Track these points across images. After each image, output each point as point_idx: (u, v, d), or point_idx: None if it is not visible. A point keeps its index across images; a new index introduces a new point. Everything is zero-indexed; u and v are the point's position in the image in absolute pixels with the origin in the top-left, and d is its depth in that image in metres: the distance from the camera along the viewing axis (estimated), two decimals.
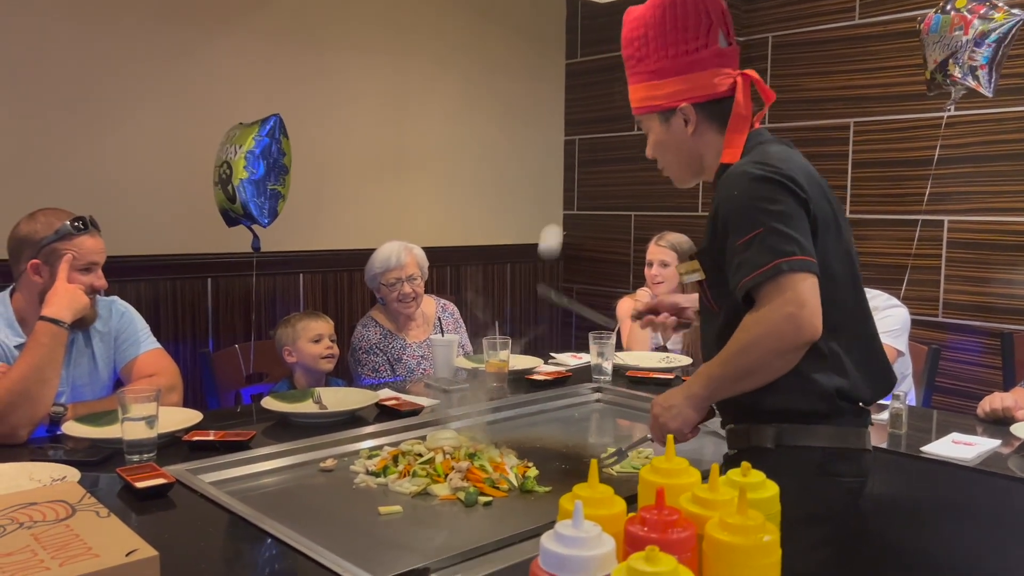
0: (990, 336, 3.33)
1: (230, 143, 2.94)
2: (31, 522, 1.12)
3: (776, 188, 1.43)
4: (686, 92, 1.55)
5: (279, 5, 3.56)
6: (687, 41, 1.54)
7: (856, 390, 1.50)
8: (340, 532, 1.47)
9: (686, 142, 1.59)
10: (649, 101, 1.60)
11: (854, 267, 1.55)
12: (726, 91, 1.56)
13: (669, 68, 1.56)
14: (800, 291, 1.38)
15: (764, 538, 0.83)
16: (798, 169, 1.47)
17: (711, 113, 1.57)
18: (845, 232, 1.55)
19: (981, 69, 2.88)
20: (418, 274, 3.02)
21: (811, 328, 1.38)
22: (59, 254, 2.05)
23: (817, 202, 1.46)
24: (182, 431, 1.88)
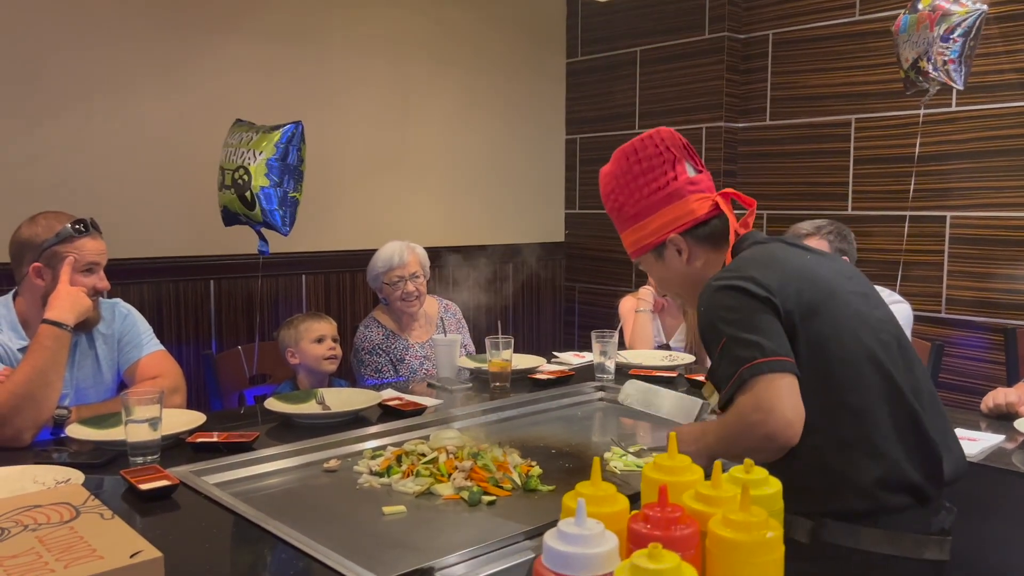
0: (993, 332, 3.33)
1: (246, 147, 2.93)
2: (35, 524, 1.12)
3: (732, 294, 1.42)
4: (669, 224, 1.59)
5: (280, 7, 3.56)
6: (656, 179, 1.60)
7: (901, 475, 1.36)
8: (344, 532, 1.47)
9: (684, 270, 1.62)
10: (639, 243, 1.65)
11: (879, 342, 1.43)
12: (707, 213, 1.59)
13: (647, 208, 1.61)
14: (764, 396, 1.33)
15: (767, 534, 0.83)
16: (764, 266, 1.45)
17: (700, 237, 1.60)
18: (859, 307, 1.46)
19: (950, 63, 2.92)
20: (421, 272, 3.02)
21: (784, 435, 1.32)
22: (61, 257, 2.05)
23: (792, 292, 1.41)
24: (186, 433, 1.88)
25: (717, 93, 4.05)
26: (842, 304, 1.45)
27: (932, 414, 1.43)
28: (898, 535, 1.35)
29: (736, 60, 4.06)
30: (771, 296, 1.40)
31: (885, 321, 1.49)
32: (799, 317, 1.40)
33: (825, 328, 1.41)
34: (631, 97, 4.39)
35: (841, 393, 1.38)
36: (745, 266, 1.47)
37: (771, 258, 1.50)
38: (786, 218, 3.76)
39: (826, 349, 1.39)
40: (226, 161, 2.95)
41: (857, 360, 1.40)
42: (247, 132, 2.96)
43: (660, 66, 4.27)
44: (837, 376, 1.38)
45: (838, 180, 3.75)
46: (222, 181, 2.94)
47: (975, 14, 2.89)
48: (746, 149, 4.09)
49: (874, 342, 1.42)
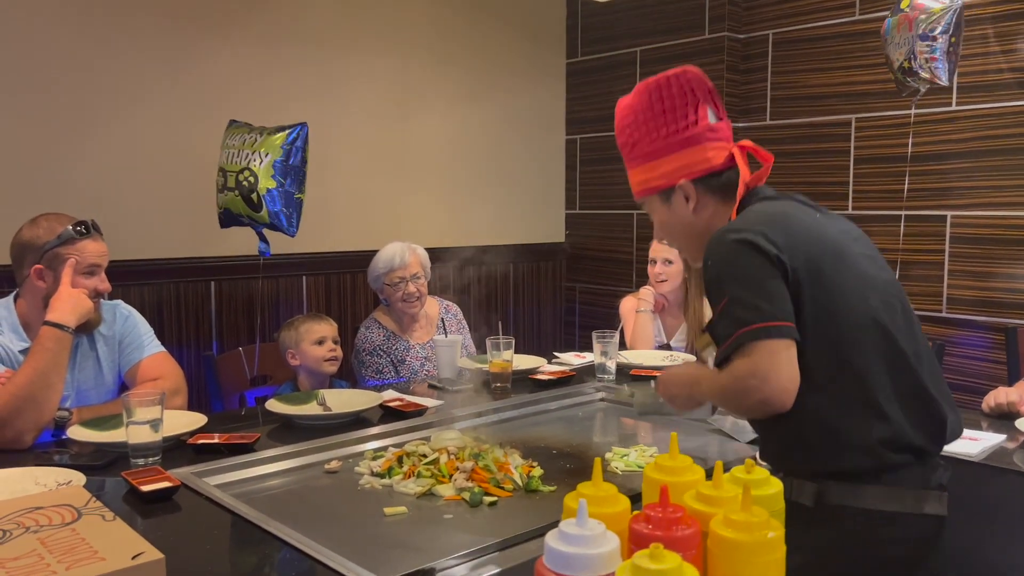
0: (994, 331, 3.33)
1: (249, 149, 2.93)
2: (37, 526, 1.12)
3: (742, 249, 1.40)
4: (682, 169, 1.55)
5: (281, 7, 3.56)
6: (676, 120, 1.55)
7: (905, 436, 1.37)
8: (345, 533, 1.47)
9: (690, 218, 1.58)
10: (647, 184, 1.61)
11: (885, 304, 1.43)
12: (723, 164, 1.55)
13: (662, 148, 1.56)
14: (761, 363, 1.33)
15: (768, 534, 0.83)
16: (773, 222, 1.43)
17: (710, 187, 1.56)
18: (866, 268, 1.46)
19: (932, 61, 2.94)
20: (421, 273, 3.02)
21: (778, 401, 1.34)
22: (62, 259, 2.05)
23: (800, 251, 1.40)
24: (187, 434, 1.88)
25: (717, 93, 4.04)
26: (850, 265, 1.43)
27: (933, 377, 1.43)
28: (899, 491, 1.37)
29: (736, 60, 4.06)
30: (780, 254, 1.38)
31: (891, 284, 1.49)
32: (806, 276, 1.39)
33: (831, 288, 1.40)
34: None
35: (846, 354, 1.37)
36: (755, 220, 1.44)
37: (781, 215, 1.47)
38: None
39: (832, 310, 1.38)
40: (227, 163, 2.94)
41: (862, 322, 1.39)
42: (248, 133, 2.96)
43: (660, 66, 4.22)
44: (842, 337, 1.38)
45: (838, 180, 3.75)
46: (223, 183, 2.94)
47: (951, 10, 2.91)
48: None
49: (879, 304, 1.41)
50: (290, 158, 2.93)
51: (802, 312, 1.37)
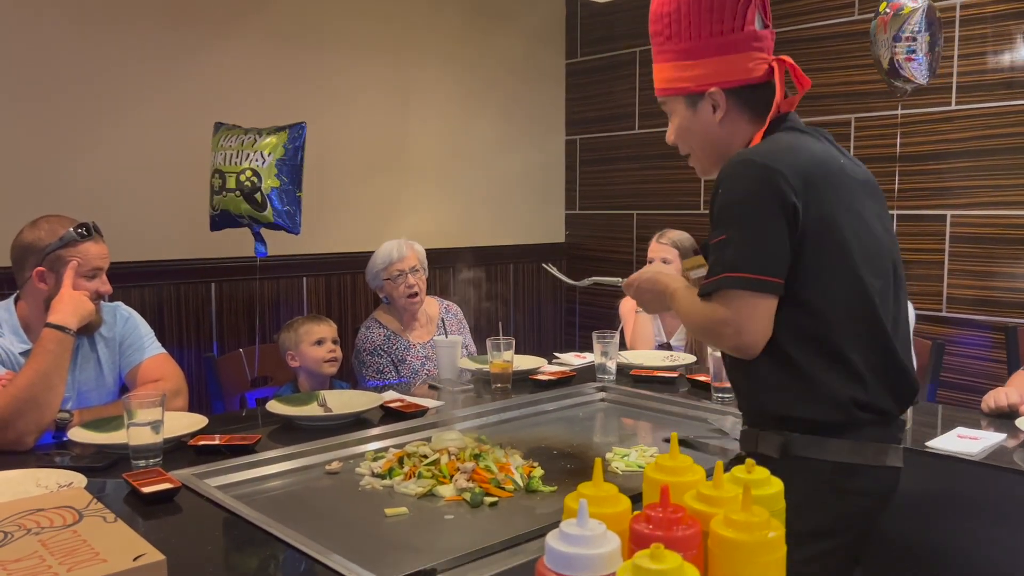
0: (994, 330, 3.33)
1: (250, 149, 2.94)
2: (38, 528, 1.12)
3: (758, 182, 1.35)
4: (717, 75, 1.45)
5: (280, 7, 3.56)
6: (722, 20, 1.43)
7: (875, 399, 1.39)
8: (346, 534, 1.47)
9: (713, 129, 1.50)
10: (676, 83, 1.50)
11: (879, 270, 1.42)
12: (760, 77, 1.46)
13: (701, 48, 1.45)
14: (738, 314, 1.34)
15: (769, 534, 0.83)
16: (798, 161, 1.37)
17: (743, 100, 1.47)
18: (873, 228, 1.43)
19: (909, 61, 2.96)
20: (419, 267, 3.03)
21: (747, 352, 1.37)
22: (64, 261, 2.05)
23: (819, 202, 1.36)
24: (188, 436, 1.88)
25: None
26: (861, 224, 1.41)
27: (904, 344, 1.46)
28: (861, 444, 1.39)
29: None
30: (796, 200, 1.34)
31: (892, 245, 1.48)
32: (815, 230, 1.35)
33: (836, 248, 1.37)
34: (631, 97, 4.39)
35: (832, 314, 1.37)
36: (782, 153, 1.39)
37: (808, 155, 1.41)
38: None
39: (830, 269, 1.37)
40: (225, 165, 2.95)
41: (855, 287, 1.38)
42: (245, 134, 2.97)
43: None
44: (833, 298, 1.37)
45: None
46: (221, 184, 2.94)
47: (919, 10, 2.95)
48: None
49: (875, 270, 1.41)
50: (295, 158, 2.97)
51: (799, 263, 1.36)
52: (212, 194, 2.96)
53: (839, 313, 1.38)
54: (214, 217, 2.99)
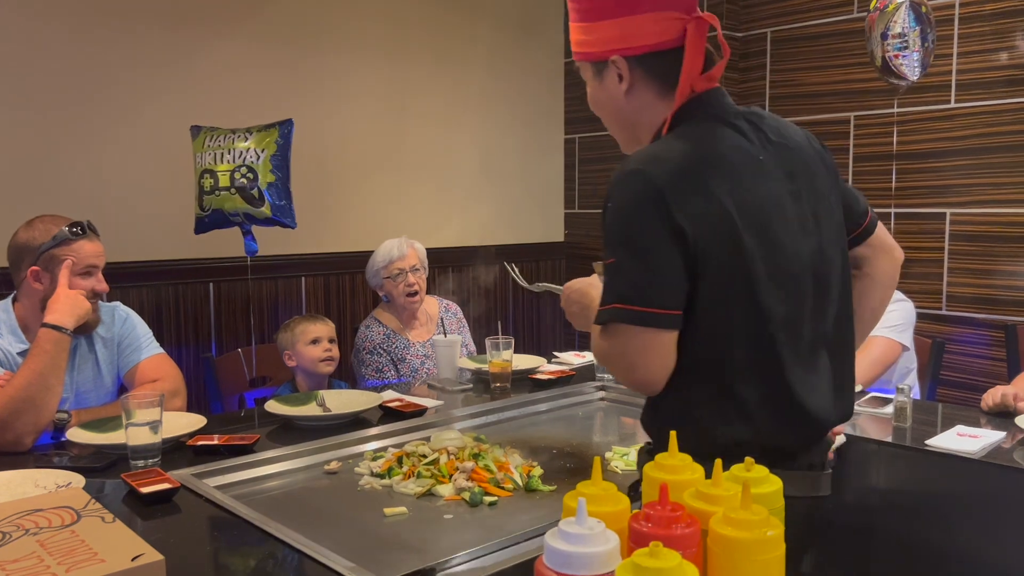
0: (994, 328, 3.33)
1: (242, 147, 2.95)
2: (37, 528, 1.12)
3: (642, 203, 1.17)
4: (617, 40, 1.26)
5: (277, 8, 3.56)
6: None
7: (766, 438, 1.22)
8: (345, 534, 1.47)
9: (620, 103, 1.31)
10: (582, 47, 1.32)
11: (797, 291, 1.24)
12: (671, 41, 1.24)
13: (601, 7, 1.26)
14: (629, 352, 1.20)
15: (768, 532, 0.83)
16: (692, 169, 1.19)
17: (649, 69, 1.27)
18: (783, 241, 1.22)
19: (897, 58, 2.97)
20: (420, 266, 3.03)
21: (643, 390, 1.24)
22: (58, 260, 2.05)
23: (712, 212, 1.17)
24: (186, 436, 1.88)
25: None
26: (767, 235, 1.21)
27: (819, 371, 1.27)
28: None
29: (734, 58, 4.06)
30: (683, 219, 1.16)
31: (815, 254, 1.26)
32: (706, 244, 1.17)
33: (730, 268, 1.19)
34: None
35: (724, 340, 1.21)
36: (673, 160, 1.20)
37: (709, 154, 1.22)
38: None
39: (723, 291, 1.20)
40: (215, 164, 2.95)
41: (749, 313, 1.20)
42: (232, 133, 2.98)
43: None
44: (724, 324, 1.20)
45: None
46: (213, 184, 2.94)
47: (902, 5, 2.96)
48: None
49: (783, 294, 1.22)
50: (286, 152, 2.99)
51: (695, 293, 1.19)
52: (202, 195, 2.96)
53: (732, 342, 1.21)
54: (202, 219, 2.98)
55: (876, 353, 2.57)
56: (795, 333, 1.24)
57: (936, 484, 1.89)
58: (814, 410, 1.26)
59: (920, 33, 2.93)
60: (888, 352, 2.59)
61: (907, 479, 1.93)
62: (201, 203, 2.96)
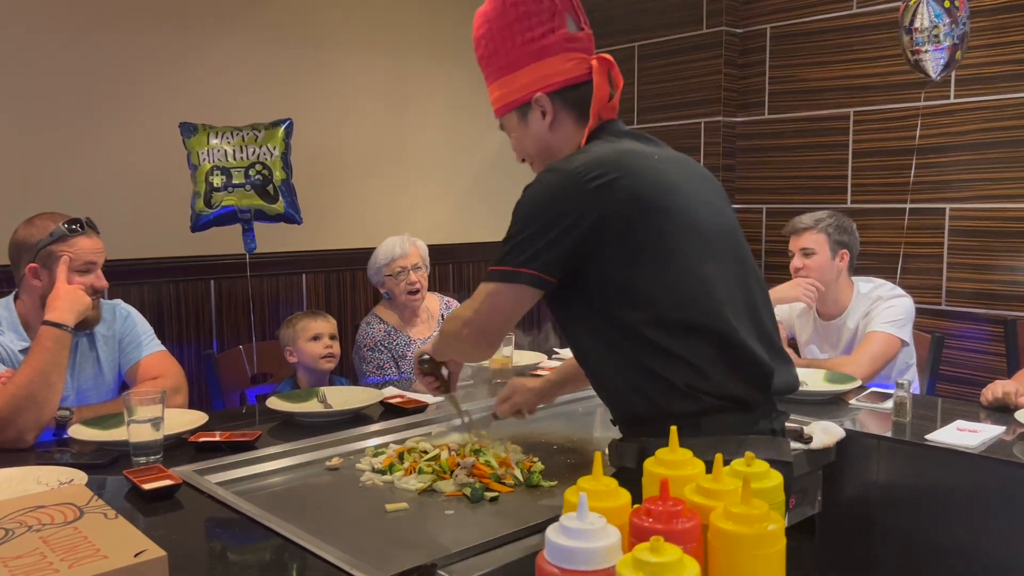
0: (993, 323, 3.33)
1: (253, 144, 2.98)
2: (39, 525, 1.13)
3: (555, 193, 1.38)
4: (539, 81, 1.47)
5: (277, 6, 3.56)
6: (532, 28, 1.46)
7: (720, 388, 1.34)
8: (347, 530, 1.47)
9: (545, 136, 1.52)
10: (505, 99, 1.53)
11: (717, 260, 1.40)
12: (581, 76, 1.47)
13: (517, 60, 1.48)
14: (484, 300, 1.46)
15: (768, 527, 0.83)
16: (602, 160, 1.38)
17: (567, 101, 1.49)
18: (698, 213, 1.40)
19: (919, 54, 2.95)
20: (422, 264, 3.03)
21: (477, 341, 1.53)
22: (56, 256, 2.05)
23: (626, 190, 1.35)
24: (188, 432, 1.88)
25: (715, 87, 4.05)
26: (683, 216, 1.38)
27: (759, 329, 1.41)
28: (722, 439, 1.32)
29: (734, 54, 4.06)
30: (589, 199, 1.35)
31: (724, 232, 1.44)
32: (621, 219, 1.34)
33: (653, 235, 1.36)
34: (629, 92, 4.39)
35: (659, 302, 1.34)
36: (583, 155, 1.40)
37: (613, 151, 1.41)
38: (785, 212, 3.76)
39: (649, 257, 1.35)
40: (227, 161, 2.96)
41: (680, 273, 1.36)
42: (242, 130, 2.99)
43: (658, 61, 4.27)
44: (654, 287, 1.35)
45: (837, 173, 3.76)
46: (226, 181, 2.95)
47: (921, 1, 2.93)
48: (744, 143, 4.09)
49: (707, 255, 1.38)
50: (289, 150, 3.04)
51: (611, 256, 1.35)
52: (210, 192, 2.96)
53: (667, 303, 1.35)
54: (204, 217, 2.98)
55: (875, 348, 2.57)
56: (728, 292, 1.39)
57: (936, 479, 1.89)
58: (761, 360, 1.38)
59: (947, 28, 2.89)
60: (887, 347, 2.59)
61: (907, 474, 1.93)
62: (209, 200, 2.96)
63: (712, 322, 1.35)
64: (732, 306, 1.38)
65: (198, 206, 2.98)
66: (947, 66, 2.94)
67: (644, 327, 1.34)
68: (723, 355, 1.35)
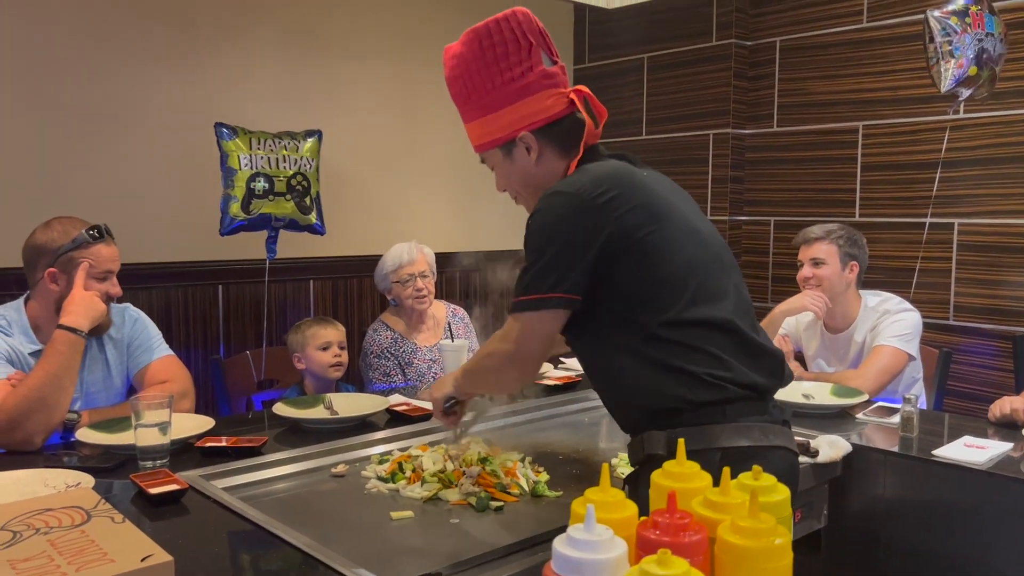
0: (1001, 339, 3.32)
1: (294, 154, 3.02)
2: (47, 528, 1.13)
3: (564, 214, 1.42)
4: (522, 120, 1.52)
5: (289, 14, 3.58)
6: (510, 68, 1.50)
7: (739, 376, 1.39)
8: (352, 537, 1.47)
9: (531, 170, 1.56)
10: (488, 136, 1.57)
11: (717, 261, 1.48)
12: (562, 111, 1.52)
13: (498, 100, 1.52)
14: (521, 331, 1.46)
15: (776, 541, 0.83)
16: (608, 179, 1.44)
17: (550, 136, 1.53)
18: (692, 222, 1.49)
19: (932, 69, 2.96)
20: (429, 271, 3.04)
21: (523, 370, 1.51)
22: (76, 262, 2.06)
23: (627, 204, 1.41)
24: (195, 437, 1.89)
25: (724, 100, 4.05)
26: (680, 222, 1.45)
27: (755, 327, 1.49)
28: (746, 426, 1.38)
29: (743, 67, 4.07)
30: (601, 216, 1.39)
31: (713, 235, 1.53)
32: (633, 238, 1.40)
33: (661, 249, 1.41)
34: (638, 104, 4.40)
35: (677, 307, 1.39)
36: (583, 176, 1.45)
37: (607, 168, 1.48)
38: (793, 224, 3.75)
39: (664, 264, 1.41)
40: (273, 169, 2.97)
41: (691, 276, 1.42)
42: (285, 138, 3.03)
43: (667, 73, 4.28)
44: (672, 291, 1.40)
45: (846, 187, 3.75)
46: (267, 188, 2.95)
47: (924, 18, 2.96)
48: (753, 156, 4.09)
49: (706, 260, 1.46)
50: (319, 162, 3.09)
51: (620, 268, 1.40)
52: (250, 197, 2.95)
53: (680, 303, 1.40)
54: (238, 221, 2.97)
55: (883, 362, 2.57)
56: (722, 287, 1.46)
57: (943, 495, 1.88)
58: (771, 348, 1.48)
59: (954, 44, 2.89)
60: (895, 361, 2.58)
61: (913, 489, 1.93)
62: (247, 205, 2.96)
63: (724, 317, 1.42)
64: (734, 304, 1.46)
65: (233, 209, 2.97)
66: (961, 81, 2.94)
67: (662, 328, 1.39)
68: (739, 346, 1.42)
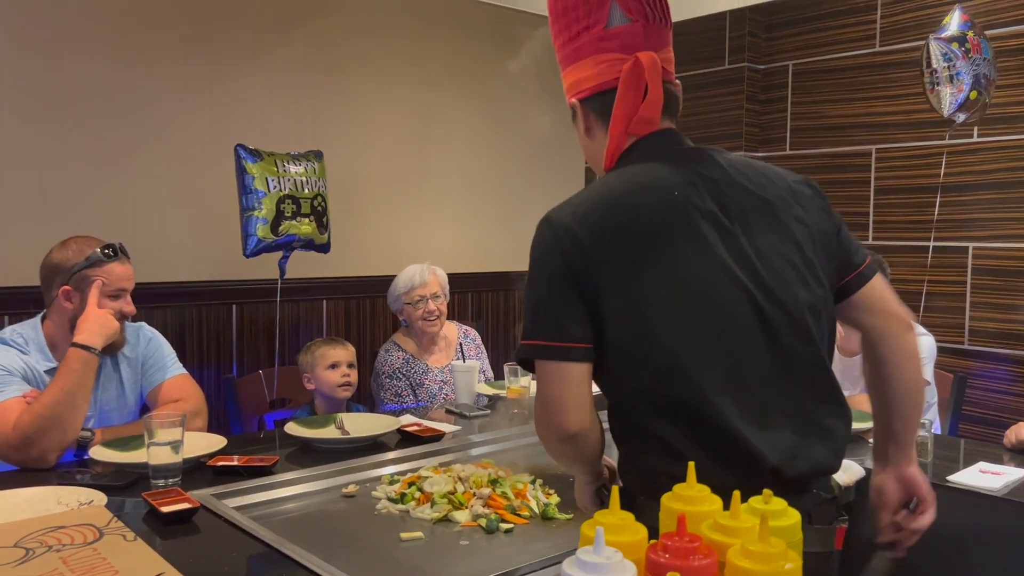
0: (1017, 364, 3.29)
1: (315, 176, 3.05)
2: (60, 545, 1.14)
3: (548, 249, 1.24)
4: (573, 87, 1.34)
5: (304, 38, 3.62)
6: (569, 27, 1.30)
7: (705, 475, 1.03)
8: (362, 558, 1.47)
9: (586, 142, 1.38)
10: (567, 92, 1.38)
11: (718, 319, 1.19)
12: (611, 81, 1.28)
13: (562, 59, 1.35)
14: (542, 387, 1.22)
15: (786, 566, 0.83)
16: (600, 209, 1.23)
17: (595, 109, 1.32)
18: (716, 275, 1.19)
19: (931, 93, 2.99)
20: (441, 293, 3.05)
21: (558, 427, 1.22)
22: (89, 280, 2.08)
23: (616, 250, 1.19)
24: (207, 456, 1.89)
25: (737, 123, 4.06)
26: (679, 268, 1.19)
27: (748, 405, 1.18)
28: None
29: (756, 90, 4.08)
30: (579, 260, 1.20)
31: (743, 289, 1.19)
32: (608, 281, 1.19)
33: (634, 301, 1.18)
34: None
35: (634, 376, 1.19)
36: (585, 204, 1.25)
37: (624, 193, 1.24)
38: None
39: (627, 327, 1.19)
40: (298, 190, 3.00)
41: (653, 345, 1.18)
42: (304, 161, 3.06)
43: None
44: (628, 359, 1.20)
45: (859, 210, 3.75)
46: (295, 210, 2.99)
47: (924, 44, 3.01)
48: None
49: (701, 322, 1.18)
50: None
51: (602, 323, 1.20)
52: (280, 219, 2.98)
53: (642, 378, 1.20)
54: (265, 242, 3.00)
55: None
56: (710, 363, 1.18)
57: (958, 521, 1.86)
58: (749, 444, 1.16)
59: (955, 69, 2.91)
60: None
61: None
62: (277, 227, 2.99)
63: (690, 400, 1.18)
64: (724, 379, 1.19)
65: (261, 231, 2.98)
66: (962, 105, 2.96)
67: (621, 398, 1.27)
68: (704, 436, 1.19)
